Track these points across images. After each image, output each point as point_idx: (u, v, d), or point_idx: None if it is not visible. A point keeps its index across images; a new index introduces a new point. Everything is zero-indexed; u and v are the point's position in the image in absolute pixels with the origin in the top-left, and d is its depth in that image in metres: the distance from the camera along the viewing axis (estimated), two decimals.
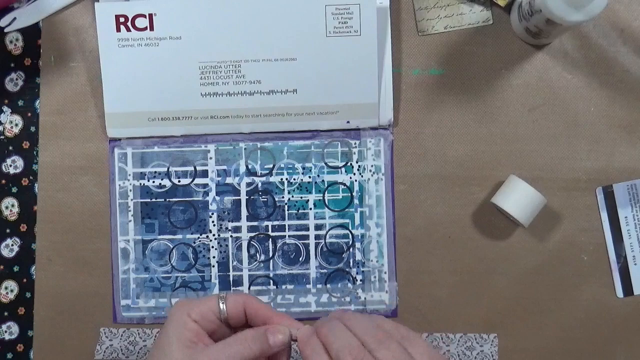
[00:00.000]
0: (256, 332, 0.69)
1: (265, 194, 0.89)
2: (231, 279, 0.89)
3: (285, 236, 0.89)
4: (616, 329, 0.88)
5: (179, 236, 0.89)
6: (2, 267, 0.89)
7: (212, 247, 0.89)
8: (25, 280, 0.89)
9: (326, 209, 0.89)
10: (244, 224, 0.89)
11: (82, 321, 0.89)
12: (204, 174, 0.89)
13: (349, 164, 0.89)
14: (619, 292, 0.88)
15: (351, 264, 0.88)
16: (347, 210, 0.89)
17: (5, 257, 0.89)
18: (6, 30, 0.88)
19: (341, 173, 0.89)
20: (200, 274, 0.89)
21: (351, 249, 0.89)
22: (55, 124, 0.89)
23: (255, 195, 0.89)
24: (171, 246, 0.89)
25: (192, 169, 0.89)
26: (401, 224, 0.88)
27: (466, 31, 0.88)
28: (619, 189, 0.87)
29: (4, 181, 0.89)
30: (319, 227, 0.89)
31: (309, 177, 0.89)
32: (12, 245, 0.90)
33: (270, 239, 0.89)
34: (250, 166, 0.89)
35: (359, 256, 0.88)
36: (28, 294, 0.89)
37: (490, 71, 0.88)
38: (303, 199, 0.89)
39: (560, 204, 0.88)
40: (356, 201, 0.89)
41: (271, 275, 0.89)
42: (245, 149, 0.89)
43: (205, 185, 0.89)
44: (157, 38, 0.86)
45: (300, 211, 0.89)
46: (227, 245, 0.89)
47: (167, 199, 0.89)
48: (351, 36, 0.86)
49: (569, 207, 0.88)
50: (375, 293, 0.88)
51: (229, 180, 0.89)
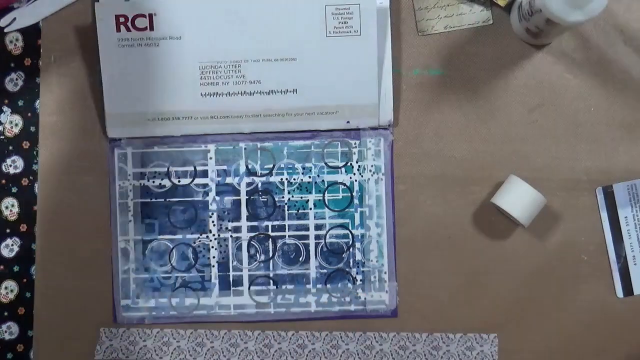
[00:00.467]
0: None
1: (265, 194, 0.89)
2: (231, 279, 0.89)
3: (285, 236, 0.89)
4: (616, 329, 0.88)
5: (179, 236, 0.89)
6: (2, 267, 0.89)
7: (212, 247, 0.89)
8: (25, 280, 0.89)
9: (326, 209, 0.89)
10: (244, 224, 0.89)
11: (82, 321, 0.89)
12: (204, 174, 0.89)
13: (349, 164, 0.89)
14: (619, 292, 0.88)
15: (351, 264, 0.88)
16: (347, 210, 0.89)
17: (5, 257, 0.89)
18: (6, 30, 0.88)
19: (341, 173, 0.89)
20: (200, 274, 0.89)
21: (351, 249, 0.88)
22: (55, 124, 0.89)
23: (255, 195, 0.89)
24: (171, 246, 0.89)
25: (192, 169, 0.89)
26: (401, 224, 0.88)
27: (466, 31, 0.88)
28: (619, 189, 0.87)
29: (4, 181, 0.89)
30: (319, 227, 0.89)
31: (309, 177, 0.89)
32: (12, 245, 0.89)
33: (270, 239, 0.89)
34: (250, 166, 0.89)
35: (359, 256, 0.88)
36: (28, 294, 0.89)
37: (490, 71, 0.88)
38: (303, 199, 0.89)
39: (560, 204, 0.88)
40: (356, 201, 0.89)
41: (271, 275, 0.89)
42: (245, 149, 0.89)
43: (205, 185, 0.89)
44: (157, 38, 0.86)
45: (300, 211, 0.89)
46: (227, 245, 0.89)
47: (167, 199, 0.89)
48: (351, 36, 0.86)
49: (569, 207, 0.88)
50: (375, 293, 0.88)
51: (229, 180, 0.89)
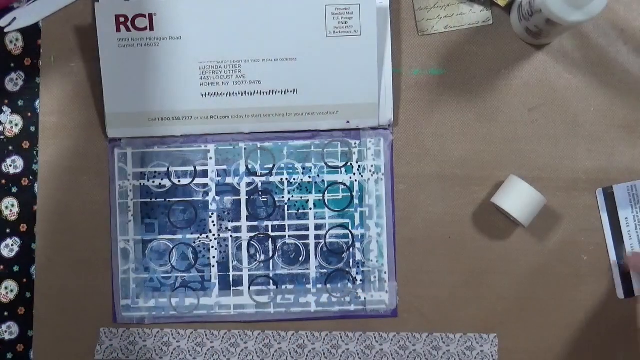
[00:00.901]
0: None
1: (265, 194, 0.89)
2: (231, 278, 0.89)
3: (285, 236, 0.89)
4: (616, 329, 0.88)
5: (179, 236, 0.89)
6: (2, 267, 0.89)
7: (212, 247, 0.89)
8: (25, 280, 0.89)
9: (326, 209, 0.89)
10: (244, 224, 0.89)
11: (82, 321, 0.89)
12: (204, 174, 0.89)
13: (349, 164, 0.89)
14: (620, 294, 0.88)
15: (351, 264, 0.88)
16: (347, 210, 0.89)
17: (5, 257, 0.89)
18: (6, 30, 0.88)
19: (341, 173, 0.89)
20: (200, 274, 0.89)
21: (351, 249, 0.88)
22: (55, 124, 0.89)
23: (255, 195, 0.89)
24: (171, 246, 0.89)
25: (192, 169, 0.89)
26: (401, 224, 0.88)
27: (466, 31, 0.88)
28: (619, 190, 0.87)
29: (4, 181, 0.89)
30: (319, 227, 0.88)
31: (309, 177, 0.89)
32: (12, 245, 0.89)
33: (270, 239, 0.89)
34: (250, 166, 0.89)
35: (359, 256, 0.88)
36: (28, 294, 0.89)
37: (490, 71, 0.88)
38: (303, 199, 0.89)
39: (560, 204, 0.88)
40: (356, 201, 0.89)
41: (271, 275, 0.89)
42: (245, 149, 0.89)
43: (205, 185, 0.89)
44: (157, 38, 0.86)
45: (300, 211, 0.89)
46: (227, 245, 0.89)
47: (167, 199, 0.89)
48: (351, 36, 0.86)
49: (569, 207, 0.88)
50: (375, 293, 0.88)
51: (229, 180, 0.89)
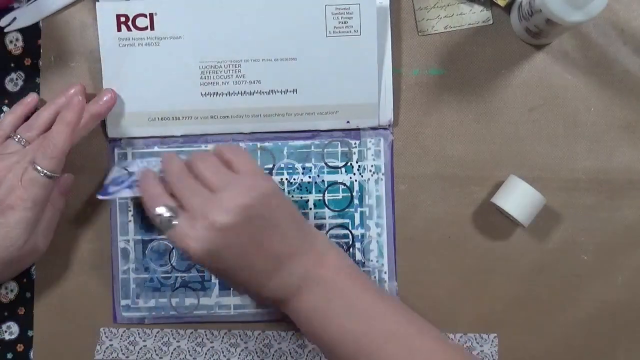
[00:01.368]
0: None
1: None
2: None
3: None
4: (616, 329, 0.88)
5: None
6: None
7: None
8: (25, 280, 0.89)
9: (326, 209, 0.89)
10: None
11: (82, 321, 0.89)
12: None
13: (349, 164, 0.89)
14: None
15: None
16: (347, 210, 0.89)
17: None
18: (6, 30, 0.88)
19: (341, 173, 0.89)
20: (200, 273, 0.89)
21: (351, 249, 0.88)
22: None
23: None
24: (171, 246, 0.88)
25: None
26: (401, 224, 0.88)
27: (466, 31, 0.88)
28: None
29: None
30: (319, 227, 0.88)
31: (309, 177, 0.89)
32: None
33: None
34: None
35: (359, 256, 0.88)
36: (28, 294, 0.89)
37: (490, 71, 0.88)
38: (303, 198, 0.89)
39: (560, 204, 0.88)
40: (356, 201, 0.89)
41: None
42: (245, 148, 0.88)
43: None
44: (157, 38, 0.86)
45: (300, 211, 0.88)
46: None
47: None
48: (351, 36, 0.86)
49: (569, 207, 0.88)
50: None
51: None
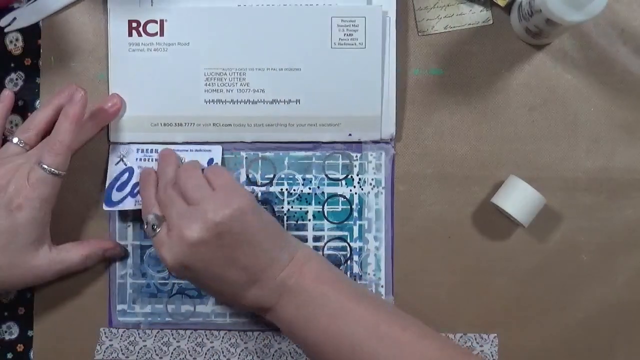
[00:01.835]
0: None
1: (265, 203, 0.88)
2: None
3: None
4: (616, 329, 0.88)
5: None
6: None
7: None
8: None
9: (325, 220, 0.88)
10: None
11: (82, 321, 0.89)
12: None
13: (349, 176, 0.88)
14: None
15: (348, 276, 0.88)
16: (346, 222, 0.88)
17: None
18: (6, 30, 0.88)
19: (341, 185, 0.89)
20: None
21: (349, 262, 0.88)
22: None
23: None
24: None
25: None
26: (401, 224, 0.88)
27: (466, 31, 0.88)
28: None
29: None
30: (317, 239, 0.88)
31: (309, 188, 0.89)
32: None
33: None
34: (250, 175, 0.88)
35: (356, 269, 0.88)
36: (28, 294, 0.89)
37: (490, 71, 0.88)
38: (302, 209, 0.89)
39: (560, 204, 0.88)
40: (355, 214, 0.88)
41: None
42: (246, 158, 0.89)
43: None
44: (166, 44, 0.87)
45: (299, 222, 0.88)
46: None
47: None
48: (356, 48, 0.86)
49: (569, 207, 0.88)
50: None
51: None
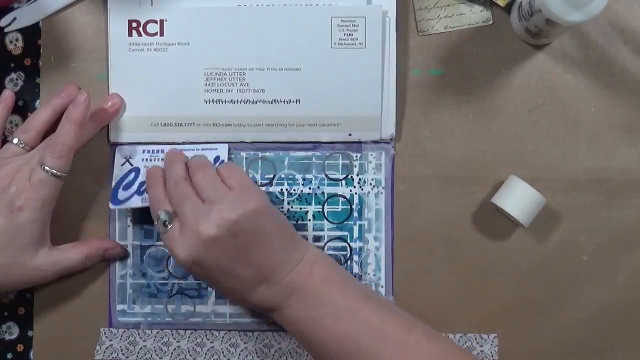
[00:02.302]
0: None
1: None
2: None
3: None
4: (616, 329, 0.88)
5: None
6: None
7: None
8: None
9: (325, 220, 0.88)
10: None
11: (82, 321, 0.89)
12: None
13: (349, 176, 0.88)
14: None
15: None
16: (346, 222, 0.88)
17: None
18: (6, 30, 0.88)
19: (341, 185, 0.89)
20: (197, 281, 0.89)
21: (349, 262, 0.88)
22: (56, 125, 0.88)
23: None
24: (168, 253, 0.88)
25: None
26: (401, 224, 0.88)
27: (466, 31, 0.88)
28: None
29: None
30: (317, 239, 0.88)
31: (309, 188, 0.89)
32: None
33: None
34: (250, 175, 0.88)
35: (356, 269, 0.88)
36: (28, 294, 0.89)
37: (490, 71, 0.88)
38: (302, 210, 0.89)
39: (560, 204, 0.88)
40: (355, 214, 0.88)
41: None
42: (246, 158, 0.89)
43: None
44: (166, 43, 0.87)
45: (299, 222, 0.89)
46: None
47: None
48: (356, 48, 0.86)
49: (569, 207, 0.88)
50: None
51: None
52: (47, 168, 0.80)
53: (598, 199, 0.88)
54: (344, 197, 0.89)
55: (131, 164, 0.87)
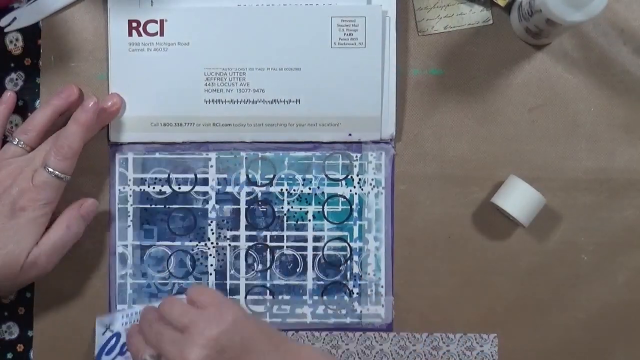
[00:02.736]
0: None
1: (265, 204, 0.89)
2: (228, 287, 0.89)
3: (283, 247, 0.88)
4: (616, 329, 0.88)
5: (177, 243, 0.89)
6: None
7: (210, 255, 0.89)
8: None
9: (325, 221, 0.88)
10: (242, 233, 0.89)
11: (82, 321, 0.89)
12: (204, 181, 0.89)
13: (349, 176, 0.88)
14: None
15: (348, 276, 0.88)
16: (346, 222, 0.88)
17: None
18: (6, 30, 0.88)
19: (341, 185, 0.89)
20: (197, 281, 0.89)
21: (349, 262, 0.88)
22: (56, 125, 0.88)
23: (255, 205, 0.89)
24: (169, 253, 0.89)
25: (192, 176, 0.88)
26: (401, 224, 0.88)
27: (466, 31, 0.88)
28: None
29: None
30: (317, 239, 0.88)
31: (309, 188, 0.89)
32: None
33: (268, 249, 0.89)
34: (250, 176, 0.89)
35: (356, 269, 0.88)
36: (28, 294, 0.90)
37: (490, 71, 0.88)
38: (302, 210, 0.89)
39: (560, 204, 0.88)
40: (355, 214, 0.88)
41: (268, 285, 0.89)
42: (246, 158, 0.89)
43: (205, 193, 0.89)
44: (166, 43, 0.87)
45: (299, 222, 0.89)
46: (225, 254, 0.89)
47: (167, 206, 0.89)
48: (356, 48, 0.86)
49: (569, 207, 0.88)
50: (371, 307, 0.88)
51: (229, 189, 0.89)
52: (51, 170, 0.80)
53: (598, 199, 0.88)
54: (344, 197, 0.89)
55: (112, 331, 0.87)
